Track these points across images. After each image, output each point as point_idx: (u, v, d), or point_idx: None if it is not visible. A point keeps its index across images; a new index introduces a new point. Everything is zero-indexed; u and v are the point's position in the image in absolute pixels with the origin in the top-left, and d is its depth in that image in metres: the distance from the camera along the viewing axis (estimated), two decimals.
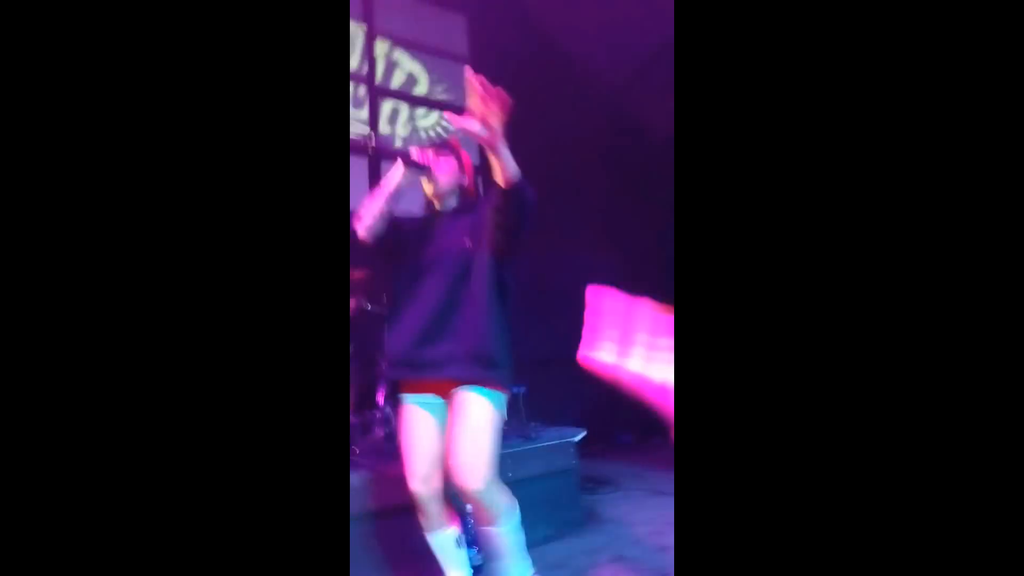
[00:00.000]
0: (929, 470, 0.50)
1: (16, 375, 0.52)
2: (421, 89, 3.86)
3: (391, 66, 3.78)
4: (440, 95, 3.93)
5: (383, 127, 3.62)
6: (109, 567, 0.53)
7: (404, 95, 3.77)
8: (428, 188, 1.50)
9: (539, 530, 2.02)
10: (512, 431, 2.37)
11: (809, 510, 0.52)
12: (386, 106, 3.70)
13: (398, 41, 3.80)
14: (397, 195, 1.42)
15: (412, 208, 1.58)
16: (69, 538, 0.52)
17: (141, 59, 0.58)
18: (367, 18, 3.71)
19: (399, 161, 1.40)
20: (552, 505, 2.07)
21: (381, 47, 3.74)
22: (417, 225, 1.52)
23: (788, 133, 0.57)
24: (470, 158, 1.59)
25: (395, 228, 1.46)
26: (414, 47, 3.87)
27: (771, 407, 0.54)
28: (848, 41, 0.56)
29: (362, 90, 3.58)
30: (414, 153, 1.43)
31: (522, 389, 2.48)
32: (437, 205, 1.53)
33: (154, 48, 0.58)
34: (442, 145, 1.55)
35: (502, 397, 1.37)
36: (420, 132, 3.80)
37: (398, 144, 3.63)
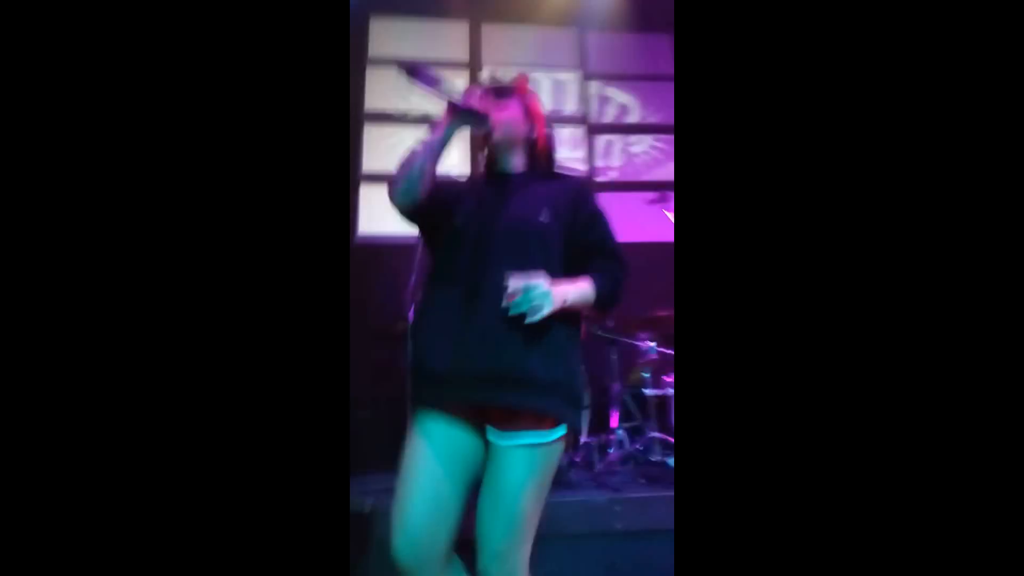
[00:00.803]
0: (931, 473, 0.49)
1: (16, 377, 0.51)
2: (633, 117, 4.11)
3: (604, 101, 4.12)
4: (650, 118, 4.12)
5: (598, 161, 3.97)
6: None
7: (618, 126, 4.07)
8: (484, 142, 1.17)
9: None
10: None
11: (809, 511, 0.52)
12: (600, 141, 4.05)
13: (609, 77, 4.12)
14: (442, 149, 1.08)
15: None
16: (59, 548, 0.51)
17: (147, 74, 0.57)
18: (581, 64, 4.13)
19: (447, 106, 1.06)
20: None
21: (594, 87, 4.12)
22: (466, 189, 1.17)
23: (790, 133, 0.57)
24: (541, 106, 1.23)
25: (436, 192, 1.11)
26: (623, 78, 4.15)
27: (773, 408, 0.54)
28: (852, 41, 0.55)
29: (580, 131, 4.00)
30: (467, 96, 1.08)
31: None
32: (496, 165, 1.19)
33: (159, 55, 0.58)
34: (504, 88, 1.18)
35: (558, 449, 1.04)
36: (634, 157, 4.05)
37: None
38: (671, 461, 2.31)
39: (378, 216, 3.45)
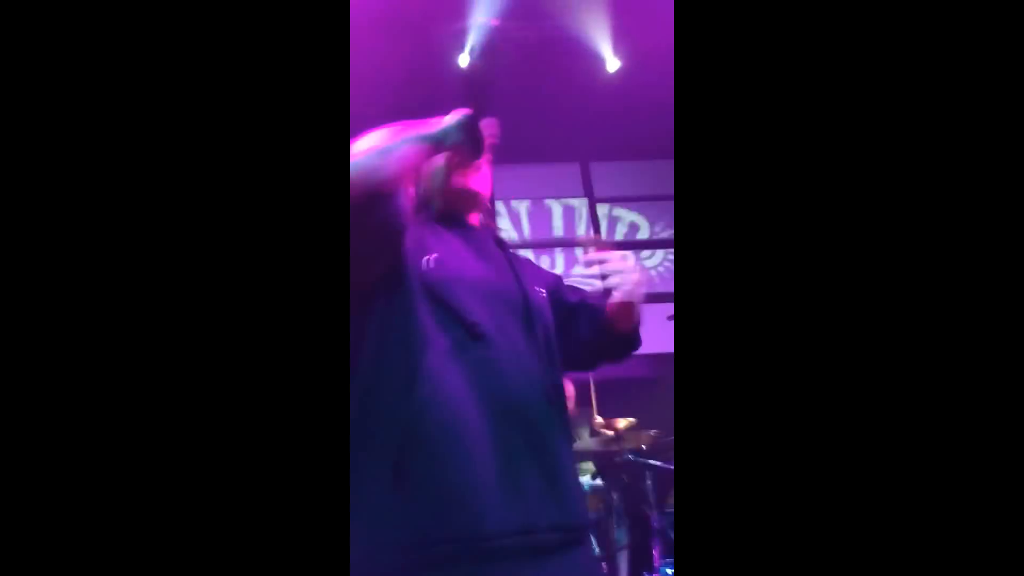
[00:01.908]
0: (935, 477, 0.48)
1: (12, 374, 0.51)
2: (643, 234, 4.27)
3: (613, 222, 4.32)
4: (660, 234, 4.27)
5: None
6: None
7: (629, 243, 4.22)
8: (453, 180, 0.94)
9: None
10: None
11: (812, 515, 0.50)
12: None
13: (616, 200, 4.36)
14: (429, 146, 0.84)
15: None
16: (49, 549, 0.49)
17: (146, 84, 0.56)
18: (587, 191, 4.40)
19: (458, 113, 0.87)
20: None
21: (602, 209, 4.34)
22: (417, 227, 0.89)
23: (791, 133, 0.55)
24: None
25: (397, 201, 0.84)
26: (630, 200, 4.38)
27: (774, 410, 0.52)
28: (853, 42, 0.54)
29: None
30: (485, 126, 0.89)
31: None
32: (453, 216, 0.95)
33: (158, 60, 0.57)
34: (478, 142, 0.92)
35: None
36: (651, 272, 4.13)
37: None
38: None
39: None
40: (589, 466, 2.55)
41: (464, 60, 3.29)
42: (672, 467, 2.43)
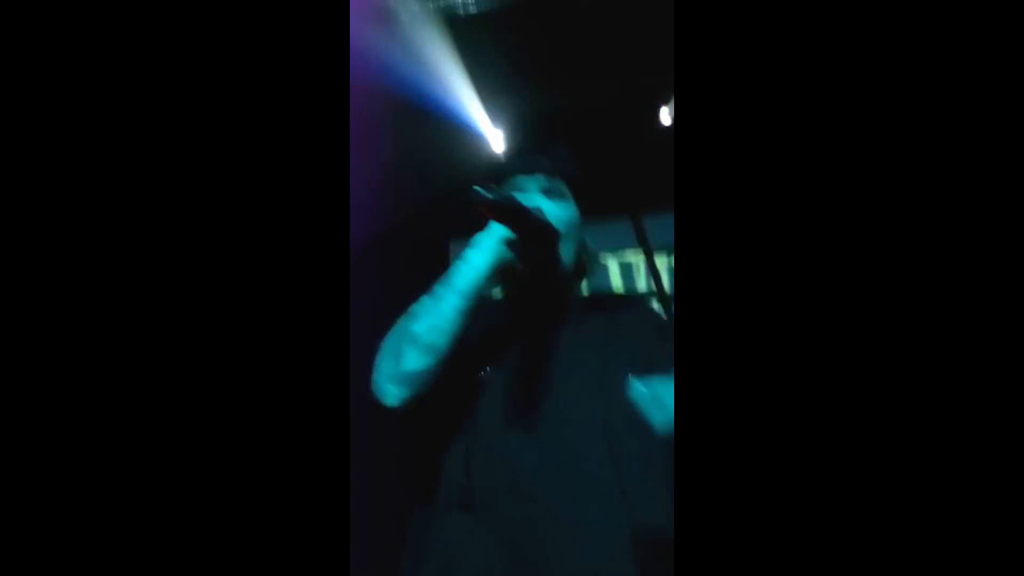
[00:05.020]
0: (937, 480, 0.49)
1: (11, 374, 0.51)
2: None
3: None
4: None
5: None
6: None
7: None
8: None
9: None
10: None
11: (812, 516, 0.50)
12: None
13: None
14: (479, 291, 0.77)
15: None
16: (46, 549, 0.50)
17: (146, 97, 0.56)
18: (641, 242, 4.15)
19: (483, 206, 0.75)
20: None
21: (661, 260, 4.09)
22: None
23: (792, 134, 0.55)
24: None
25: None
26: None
27: (775, 412, 0.52)
28: (852, 43, 0.54)
29: None
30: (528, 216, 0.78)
31: None
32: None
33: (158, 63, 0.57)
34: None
35: None
36: None
37: None
38: None
39: None
40: None
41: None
42: None
